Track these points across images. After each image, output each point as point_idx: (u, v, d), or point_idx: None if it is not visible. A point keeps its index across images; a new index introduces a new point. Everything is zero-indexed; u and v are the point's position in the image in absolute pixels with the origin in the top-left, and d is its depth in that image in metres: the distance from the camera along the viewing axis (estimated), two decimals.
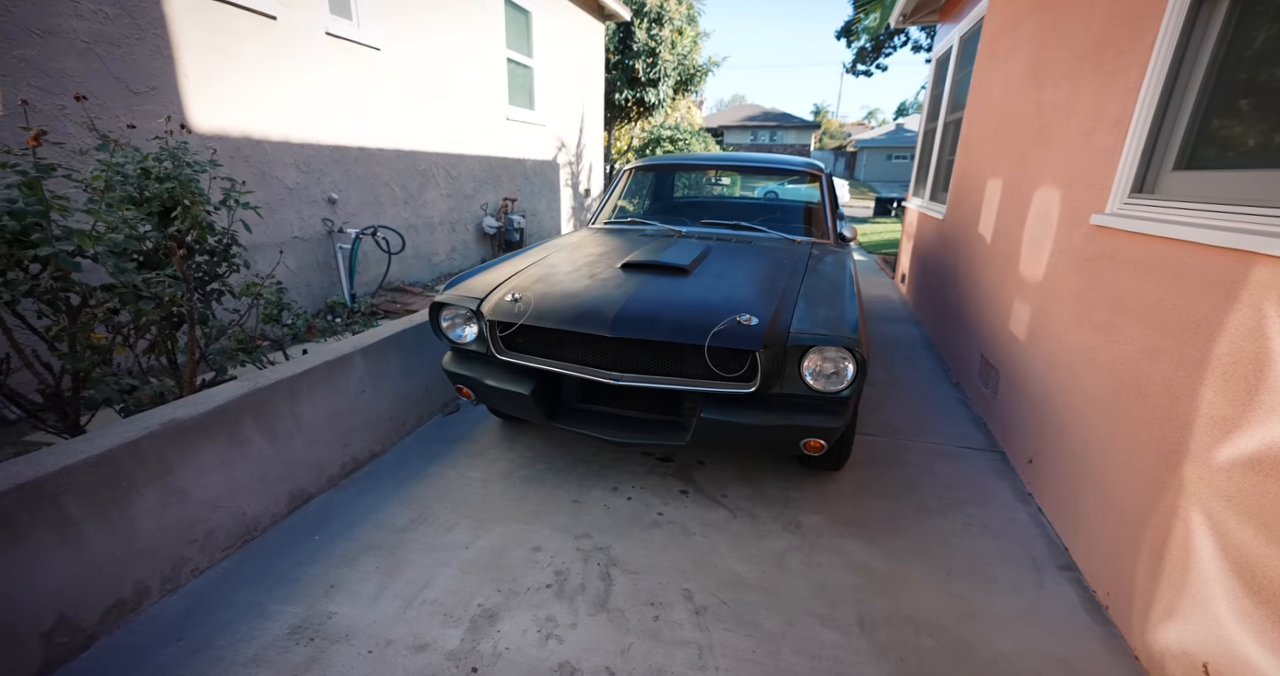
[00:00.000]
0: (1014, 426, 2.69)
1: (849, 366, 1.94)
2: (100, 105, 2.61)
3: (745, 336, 1.89)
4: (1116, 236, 1.93)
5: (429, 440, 2.70)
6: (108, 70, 2.65)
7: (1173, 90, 1.79)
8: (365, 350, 2.40)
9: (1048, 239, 2.51)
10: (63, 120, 2.40)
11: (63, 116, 2.44)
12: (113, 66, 2.67)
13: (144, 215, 1.92)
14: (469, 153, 5.88)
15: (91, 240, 1.63)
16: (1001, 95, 3.59)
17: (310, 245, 3.93)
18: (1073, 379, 2.16)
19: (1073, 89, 2.47)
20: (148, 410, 1.65)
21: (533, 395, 2.11)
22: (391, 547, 1.92)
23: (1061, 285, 2.34)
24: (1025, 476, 2.51)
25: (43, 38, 2.42)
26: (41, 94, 2.41)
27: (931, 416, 3.17)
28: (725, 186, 4.91)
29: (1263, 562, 1.21)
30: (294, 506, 2.08)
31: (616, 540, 2.04)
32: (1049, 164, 2.62)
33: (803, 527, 2.17)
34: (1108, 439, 1.87)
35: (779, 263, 2.60)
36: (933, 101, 6.18)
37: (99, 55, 2.62)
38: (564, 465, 2.52)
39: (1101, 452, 1.91)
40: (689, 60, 13.31)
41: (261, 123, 3.45)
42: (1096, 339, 2.00)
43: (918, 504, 2.35)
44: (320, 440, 2.18)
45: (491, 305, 2.17)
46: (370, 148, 4.43)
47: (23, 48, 2.36)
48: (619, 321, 1.96)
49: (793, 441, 2.01)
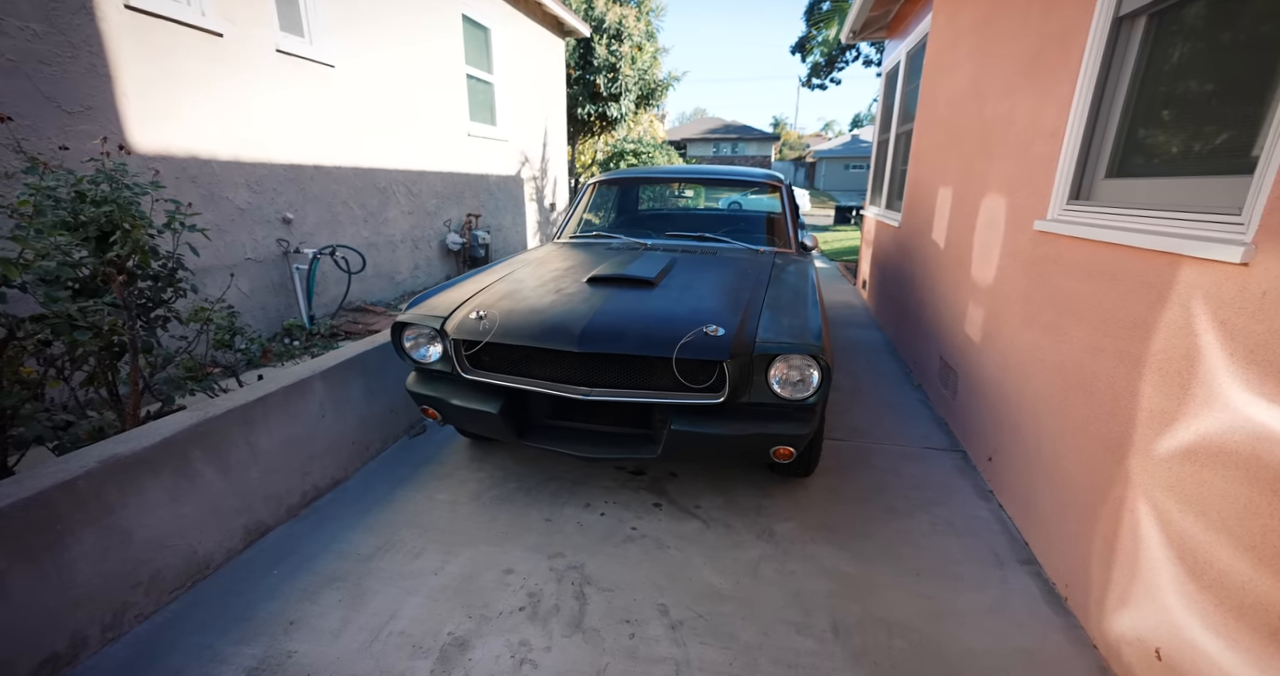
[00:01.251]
0: (973, 426, 2.77)
1: (814, 373, 1.97)
2: (29, 126, 2.49)
3: (712, 347, 1.91)
4: (1058, 241, 2.03)
5: (395, 464, 2.63)
6: (37, 90, 2.54)
7: (1101, 102, 1.91)
8: (325, 373, 2.33)
9: (996, 244, 2.62)
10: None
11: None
12: (43, 86, 2.55)
13: (79, 240, 1.83)
14: (430, 169, 5.81)
15: (18, 269, 1.54)
16: (947, 108, 3.75)
17: (264, 267, 3.81)
18: (1024, 378, 2.24)
19: (1012, 102, 2.60)
20: (85, 446, 1.56)
21: (501, 413, 2.08)
22: (356, 578, 1.86)
23: (1010, 288, 2.44)
24: (986, 474, 2.59)
25: None
26: None
27: (896, 419, 3.25)
28: (689, 199, 4.97)
29: (1203, 549, 1.27)
30: (251, 540, 1.98)
31: (590, 558, 2.02)
32: (994, 173, 2.75)
33: (775, 535, 2.18)
34: (1059, 435, 1.95)
35: (743, 273, 2.64)
36: (884, 114, 6.41)
37: (27, 74, 2.50)
38: (535, 483, 2.48)
39: (1054, 449, 1.98)
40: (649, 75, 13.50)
41: (209, 142, 3.34)
42: (1044, 339, 2.09)
43: (886, 505, 2.39)
44: (278, 469, 2.10)
45: (455, 323, 2.14)
46: (327, 166, 4.34)
47: None
48: (586, 336, 1.95)
49: (763, 450, 2.03)
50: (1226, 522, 1.22)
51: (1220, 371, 1.23)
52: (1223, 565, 1.23)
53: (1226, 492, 1.22)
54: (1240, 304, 1.18)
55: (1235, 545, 1.19)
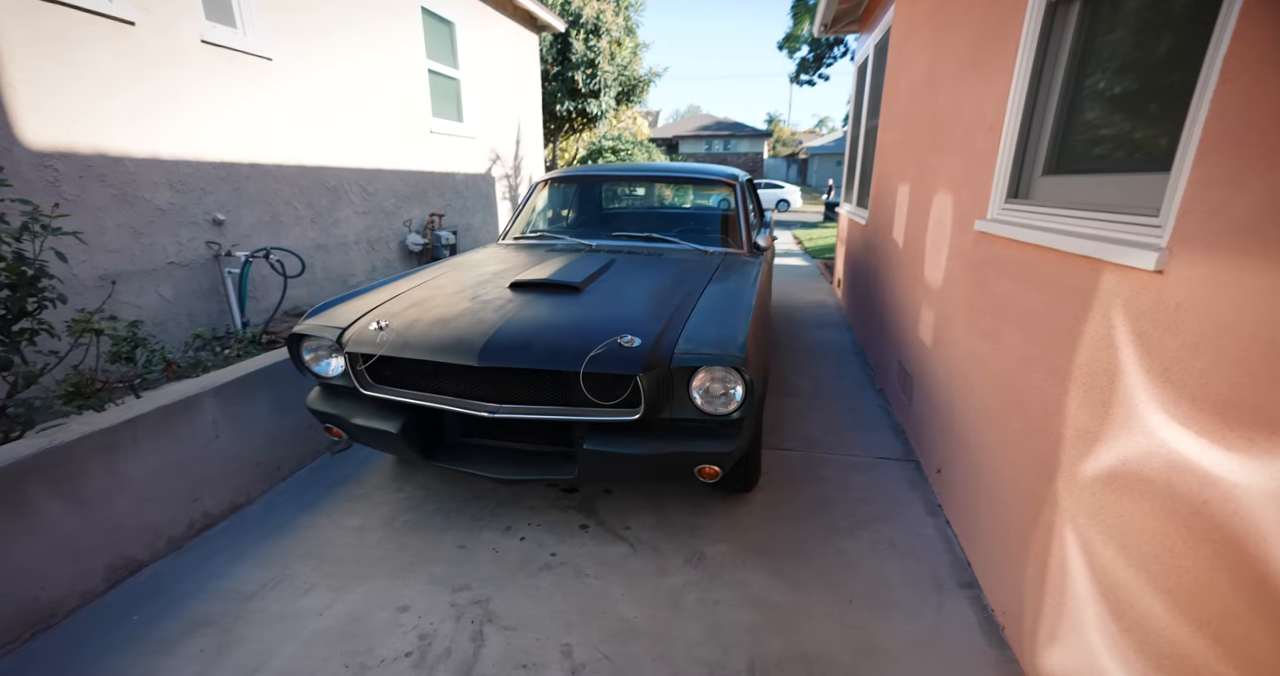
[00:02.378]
0: (926, 435, 2.64)
1: (737, 388, 1.82)
2: None
3: (624, 360, 1.76)
4: (996, 242, 1.89)
5: (308, 485, 2.46)
6: None
7: (1038, 93, 1.77)
8: (219, 389, 2.16)
9: (944, 244, 2.49)
10: None
11: None
12: None
13: None
14: (388, 167, 5.62)
15: None
16: (906, 102, 3.61)
17: (191, 271, 3.62)
18: (968, 387, 2.11)
19: (960, 95, 2.46)
20: None
21: (401, 433, 1.92)
22: (228, 622, 1.69)
23: (956, 291, 2.30)
24: (936, 487, 2.46)
25: None
26: None
27: (852, 427, 3.11)
28: (641, 197, 4.82)
29: (1123, 587, 1.14)
30: (115, 580, 1.81)
31: (499, 590, 1.86)
32: (943, 169, 2.61)
33: (705, 559, 2.04)
34: (997, 450, 1.82)
35: (682, 276, 2.49)
36: (855, 108, 6.29)
37: None
38: (456, 505, 2.33)
39: (993, 463, 1.85)
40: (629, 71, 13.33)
41: (120, 138, 3.15)
42: (984, 346, 1.95)
43: (828, 523, 2.25)
44: (154, 498, 1.93)
45: (353, 334, 1.98)
46: (266, 164, 4.14)
47: None
48: (488, 350, 1.80)
49: (685, 469, 1.88)
50: (1145, 559, 1.08)
51: (1137, 389, 1.09)
52: (1143, 606, 1.10)
53: (1144, 526, 1.08)
54: (1156, 315, 1.04)
55: (1153, 585, 1.06)
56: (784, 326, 5.17)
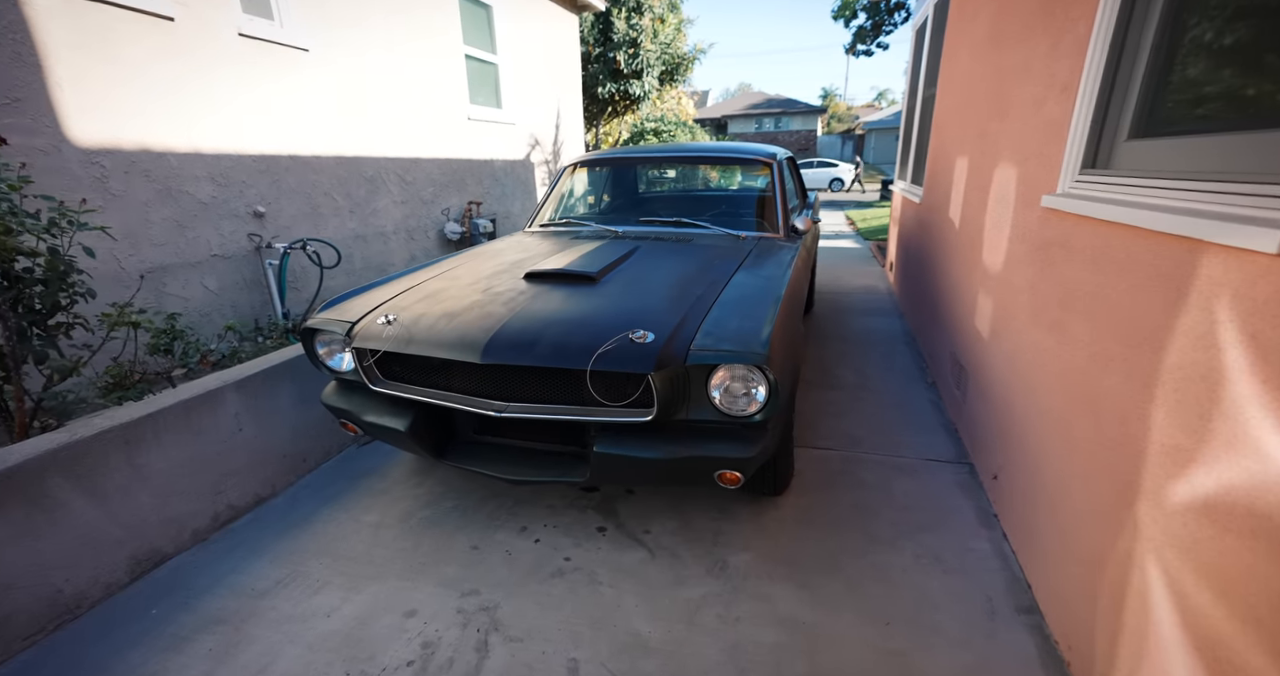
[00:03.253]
0: (981, 435, 2.39)
1: (760, 388, 1.66)
2: None
3: (635, 358, 1.62)
4: (1066, 220, 1.63)
5: (333, 477, 2.47)
6: None
7: (1125, 39, 1.48)
8: (241, 383, 2.17)
9: (1006, 224, 2.21)
10: None
11: None
12: None
13: None
14: (426, 156, 5.62)
15: None
16: (968, 64, 3.26)
17: (234, 263, 3.71)
18: (1029, 385, 1.86)
19: (1028, 51, 2.16)
20: None
21: (410, 431, 1.86)
22: (239, 620, 1.68)
23: (1019, 276, 2.03)
24: (991, 494, 2.21)
25: None
26: None
27: (899, 423, 2.87)
28: (672, 180, 4.62)
29: (1224, 642, 0.93)
30: (139, 572, 1.84)
31: (509, 596, 1.79)
32: (1006, 138, 2.31)
33: (728, 569, 1.90)
34: (1063, 458, 1.58)
35: (709, 264, 2.32)
36: (912, 76, 5.83)
37: None
38: (474, 502, 2.27)
39: (1058, 474, 1.61)
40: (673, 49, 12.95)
41: (163, 134, 3.22)
42: (1050, 340, 1.70)
43: (866, 533, 2.06)
44: (178, 491, 1.95)
45: (361, 329, 1.92)
46: (304, 155, 4.20)
47: None
48: (492, 346, 1.70)
49: (704, 474, 1.74)
50: (1253, 612, 0.87)
51: (1248, 403, 0.87)
52: (1253, 670, 0.88)
53: (1254, 571, 0.87)
54: (1277, 310, 0.81)
55: (1264, 647, 0.85)
56: (829, 313, 4.89)
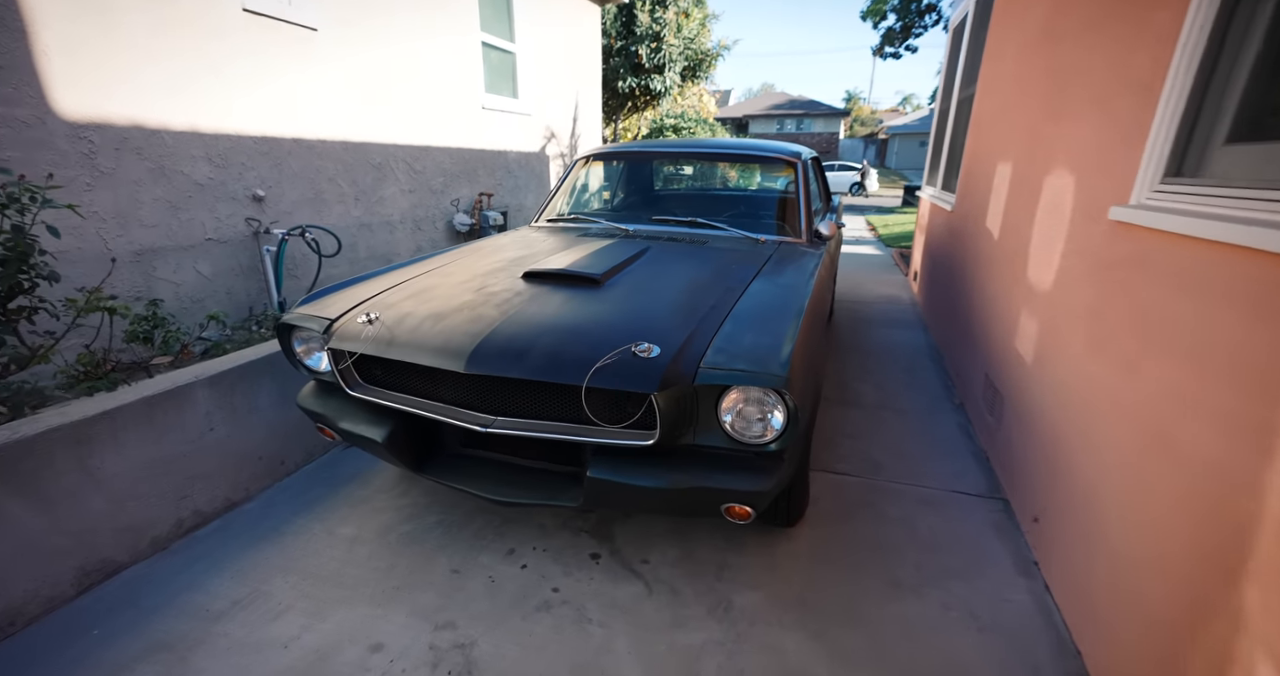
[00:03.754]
0: (1020, 469, 2.17)
1: (776, 413, 1.46)
2: None
3: (637, 374, 1.43)
4: (1143, 236, 1.41)
5: (312, 482, 2.30)
6: None
7: (1229, 25, 1.26)
8: (214, 379, 2.01)
9: (1059, 237, 1.98)
10: None
11: None
12: None
13: None
14: (437, 144, 5.46)
15: None
16: (1015, 61, 3.02)
17: (230, 248, 3.57)
18: (1084, 421, 1.64)
19: (1093, 44, 1.93)
20: None
21: (387, 442, 1.68)
22: (187, 647, 1.52)
23: (1075, 298, 1.81)
24: (1031, 539, 1.99)
25: None
26: None
27: (925, 449, 2.65)
28: (689, 178, 4.41)
29: None
30: (87, 585, 1.68)
31: (487, 631, 1.61)
32: (1062, 142, 2.08)
33: (733, 611, 1.70)
34: (1128, 510, 1.37)
35: (724, 269, 2.12)
36: (948, 77, 5.56)
37: None
38: (459, 517, 2.09)
39: (1121, 527, 1.40)
40: (696, 44, 12.70)
41: (158, 110, 3.08)
42: (1116, 374, 1.48)
43: (888, 575, 1.86)
44: (137, 496, 1.79)
45: (340, 328, 1.75)
46: (308, 139, 4.04)
47: None
48: (478, 354, 1.52)
49: (710, 507, 1.55)
50: None
51: None
52: None
53: None
54: None
55: None
56: (848, 323, 4.66)
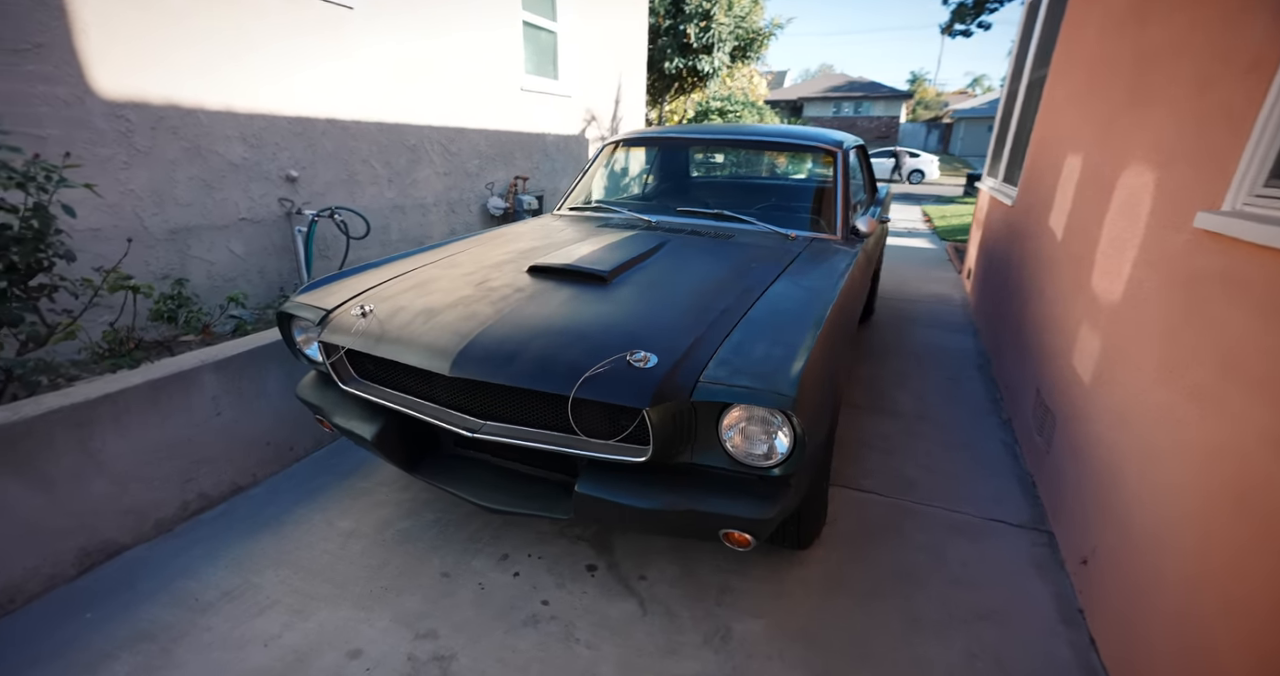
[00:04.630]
0: (1070, 500, 1.95)
1: (782, 436, 1.31)
2: None
3: (630, 386, 1.31)
4: (1235, 250, 1.18)
5: (318, 470, 2.29)
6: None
7: None
8: (221, 363, 2.00)
9: (1132, 243, 1.73)
10: None
11: None
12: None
13: None
14: (473, 126, 5.41)
15: None
16: (1096, 41, 2.69)
17: (263, 228, 3.61)
18: (1149, 456, 1.42)
19: (1190, 22, 1.65)
20: None
21: (375, 440, 1.62)
22: (170, 638, 1.51)
23: (1145, 314, 1.57)
24: (1077, 582, 1.78)
25: None
26: None
27: (963, 468, 2.44)
28: (721, 166, 4.20)
29: None
30: (88, 565, 1.71)
31: (470, 644, 1.54)
32: (1144, 132, 1.81)
33: (732, 641, 1.58)
34: (1192, 564, 1.16)
35: (744, 267, 1.96)
36: (1018, 57, 5.12)
37: None
38: (458, 517, 2.04)
39: (1185, 581, 1.20)
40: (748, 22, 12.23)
41: (194, 90, 3.10)
42: (1189, 406, 1.26)
43: (909, 611, 1.69)
44: (141, 478, 1.80)
45: (335, 319, 1.69)
46: (343, 119, 4.05)
47: None
48: (464, 357, 1.42)
49: (706, 532, 1.42)
50: None
51: None
52: None
53: None
54: None
55: None
56: (890, 322, 4.39)
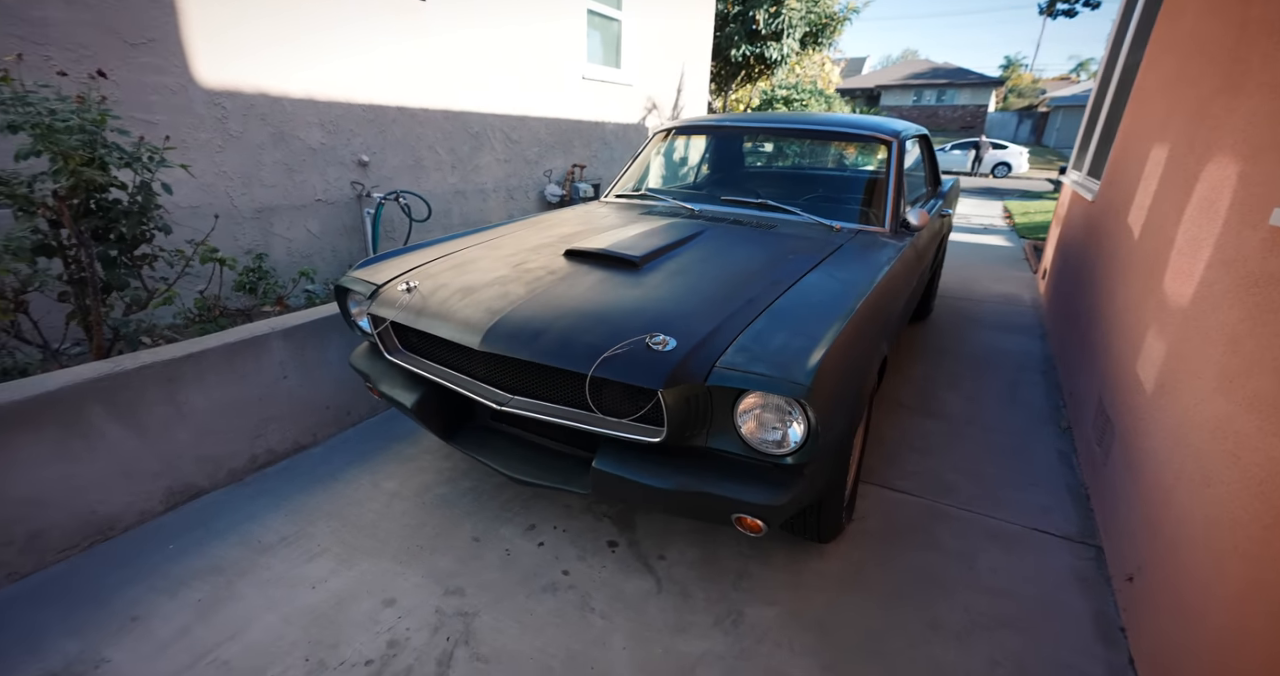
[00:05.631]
0: (1122, 515, 1.83)
1: (796, 426, 1.31)
2: (90, 57, 2.57)
3: (646, 368, 1.35)
4: None
5: (370, 435, 2.46)
6: (100, 20, 2.61)
7: None
8: (288, 332, 2.18)
9: (1206, 242, 1.59)
10: (47, 73, 2.37)
11: (48, 67, 2.43)
12: (104, 16, 2.62)
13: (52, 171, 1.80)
14: (534, 114, 5.54)
15: None
16: (1194, 22, 2.46)
17: (336, 209, 3.87)
18: (1203, 473, 1.32)
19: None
20: None
21: (416, 408, 1.74)
22: (235, 573, 1.69)
23: (1212, 319, 1.45)
24: (1121, 600, 1.69)
25: None
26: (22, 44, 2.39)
27: (1008, 475, 2.33)
28: (772, 155, 4.11)
29: None
30: (174, 503, 1.92)
31: (492, 604, 1.64)
32: (1234, 120, 1.65)
33: (743, 624, 1.60)
34: (1246, 592, 1.08)
35: (779, 258, 1.95)
36: (1114, 41, 4.71)
37: (87, 3, 2.57)
38: (491, 488, 2.15)
39: (1228, 611, 1.12)
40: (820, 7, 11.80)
41: (280, 79, 3.35)
42: (1249, 419, 1.17)
43: (928, 614, 1.65)
44: (217, 430, 2.01)
45: (383, 293, 1.82)
46: (412, 107, 4.25)
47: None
48: (494, 332, 1.50)
49: (718, 515, 1.45)
50: None
51: None
52: None
53: None
54: None
55: None
56: (949, 323, 4.20)
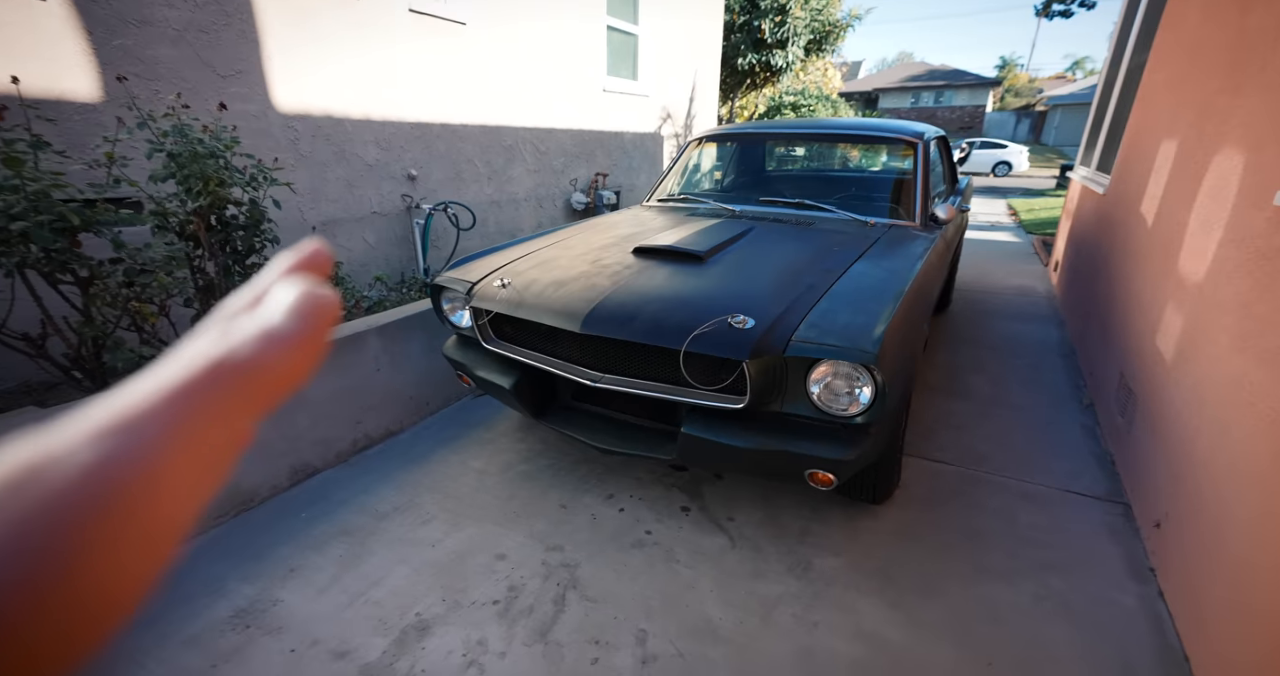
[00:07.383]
0: (1146, 474, 2.03)
1: (864, 389, 1.53)
2: (191, 90, 2.86)
3: (731, 343, 1.57)
4: None
5: (449, 423, 2.69)
6: (198, 56, 2.89)
7: None
8: (381, 329, 2.42)
9: (1218, 223, 1.80)
10: (157, 104, 2.65)
11: (156, 100, 2.70)
12: (202, 53, 2.90)
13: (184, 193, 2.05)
14: (560, 126, 5.81)
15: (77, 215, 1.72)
16: (1198, 24, 2.68)
17: (389, 220, 4.12)
18: (1220, 424, 1.53)
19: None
20: None
21: (513, 389, 1.96)
22: (363, 535, 1.92)
23: (1226, 290, 1.66)
24: (1150, 544, 1.88)
25: (139, 27, 2.68)
26: (138, 80, 2.68)
27: (1038, 446, 2.53)
28: (801, 159, 4.34)
29: None
30: (296, 479, 2.16)
31: (589, 558, 1.85)
32: (1238, 116, 1.87)
33: (812, 572, 1.81)
34: (1255, 524, 1.29)
35: (826, 250, 2.17)
36: (1118, 42, 4.93)
37: (189, 42, 2.85)
38: (567, 464, 2.37)
39: (1246, 541, 1.32)
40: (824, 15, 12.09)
41: (342, 101, 3.62)
42: (1262, 372, 1.37)
43: (977, 561, 1.86)
44: (327, 416, 2.24)
45: (480, 290, 2.05)
46: (453, 123, 4.51)
47: (121, 37, 2.63)
48: (592, 318, 1.73)
49: (793, 471, 1.66)
50: None
51: None
52: None
53: None
54: None
55: None
56: (966, 315, 4.40)
